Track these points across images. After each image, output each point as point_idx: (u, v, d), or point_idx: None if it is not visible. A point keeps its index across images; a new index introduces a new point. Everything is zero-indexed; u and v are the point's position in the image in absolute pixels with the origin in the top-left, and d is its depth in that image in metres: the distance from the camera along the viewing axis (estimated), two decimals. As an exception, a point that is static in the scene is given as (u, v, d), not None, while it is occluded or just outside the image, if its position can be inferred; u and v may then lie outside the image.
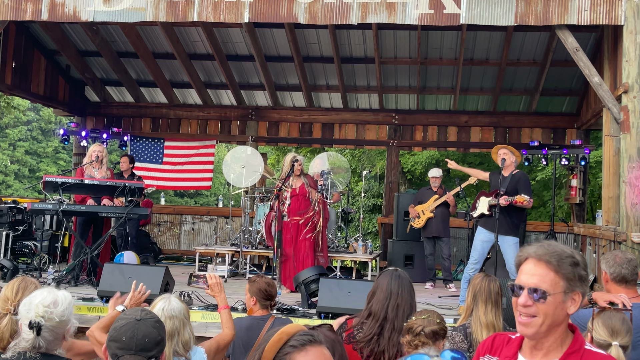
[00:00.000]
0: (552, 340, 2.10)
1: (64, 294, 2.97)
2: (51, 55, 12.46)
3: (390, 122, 12.81)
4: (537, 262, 2.09)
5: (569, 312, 2.08)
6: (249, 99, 13.31)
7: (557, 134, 12.34)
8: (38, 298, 2.90)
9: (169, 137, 13.31)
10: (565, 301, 2.07)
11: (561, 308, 2.07)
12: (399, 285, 3.83)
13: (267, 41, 11.66)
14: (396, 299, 3.78)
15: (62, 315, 2.88)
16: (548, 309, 2.06)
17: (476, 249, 7.60)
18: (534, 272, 2.09)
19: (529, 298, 2.07)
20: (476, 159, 18.68)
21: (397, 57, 11.67)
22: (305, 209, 8.65)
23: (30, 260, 9.52)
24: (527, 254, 2.13)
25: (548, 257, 2.08)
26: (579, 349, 2.08)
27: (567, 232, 11.05)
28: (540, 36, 10.63)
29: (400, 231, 10.89)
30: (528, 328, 2.08)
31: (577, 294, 2.08)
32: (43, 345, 2.84)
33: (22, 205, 10.05)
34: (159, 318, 2.69)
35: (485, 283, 4.02)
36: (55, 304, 2.88)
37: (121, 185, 8.06)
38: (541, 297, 2.05)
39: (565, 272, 2.07)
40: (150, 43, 12.07)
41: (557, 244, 2.14)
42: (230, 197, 12.15)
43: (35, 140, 33.14)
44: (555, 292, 2.05)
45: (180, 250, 13.05)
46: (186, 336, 3.45)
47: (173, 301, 3.49)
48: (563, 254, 2.09)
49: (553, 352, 2.09)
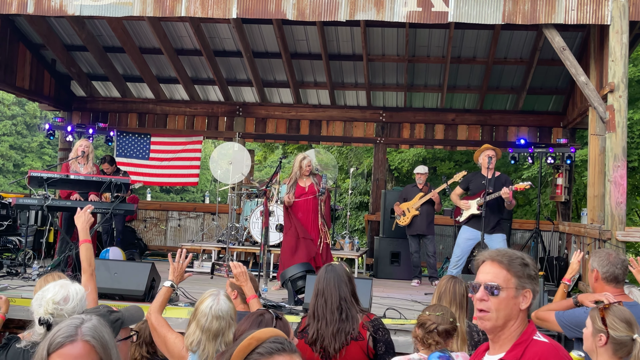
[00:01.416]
0: (508, 333, 2.35)
1: (76, 288, 2.95)
2: (37, 49, 12.35)
3: (377, 120, 12.82)
4: (492, 262, 2.40)
5: (521, 308, 2.35)
6: (236, 95, 13.28)
7: (543, 133, 12.40)
8: (50, 293, 2.88)
9: (156, 132, 13.24)
10: (516, 297, 2.35)
11: (514, 303, 2.34)
12: (324, 281, 3.94)
13: (255, 37, 11.63)
14: (323, 295, 3.90)
15: (72, 311, 2.85)
16: (501, 303, 2.33)
17: (459, 247, 7.66)
18: (489, 271, 2.39)
19: (484, 293, 2.36)
20: (463, 157, 18.75)
21: (385, 54, 11.68)
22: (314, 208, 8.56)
23: (14, 255, 9.44)
24: (484, 257, 2.44)
25: (500, 258, 2.38)
26: (526, 339, 2.32)
27: (553, 230, 11.11)
28: (527, 35, 10.68)
29: (386, 228, 10.91)
30: (485, 321, 2.37)
31: (528, 291, 2.37)
32: None
33: (6, 200, 9.96)
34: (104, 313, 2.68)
35: (450, 285, 4.07)
36: (66, 301, 2.87)
37: (107, 180, 8.02)
38: (495, 291, 2.34)
39: (516, 270, 2.36)
40: (137, 38, 12.00)
41: (510, 250, 2.45)
42: (217, 194, 12.12)
43: (20, 135, 32.87)
44: (507, 287, 2.34)
45: (166, 247, 12.99)
46: (230, 337, 3.40)
47: (222, 300, 3.43)
48: (513, 256, 2.39)
49: (506, 344, 2.35)
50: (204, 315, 3.37)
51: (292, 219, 8.48)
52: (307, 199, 8.49)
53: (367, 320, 3.92)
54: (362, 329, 3.86)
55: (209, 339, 3.34)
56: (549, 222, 11.34)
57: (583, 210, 10.61)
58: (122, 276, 6.79)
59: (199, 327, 3.36)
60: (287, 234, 8.45)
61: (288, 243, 8.40)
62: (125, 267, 7.07)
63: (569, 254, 10.28)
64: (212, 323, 3.35)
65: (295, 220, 8.45)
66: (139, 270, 6.89)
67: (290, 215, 8.51)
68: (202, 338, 3.34)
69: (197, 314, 3.41)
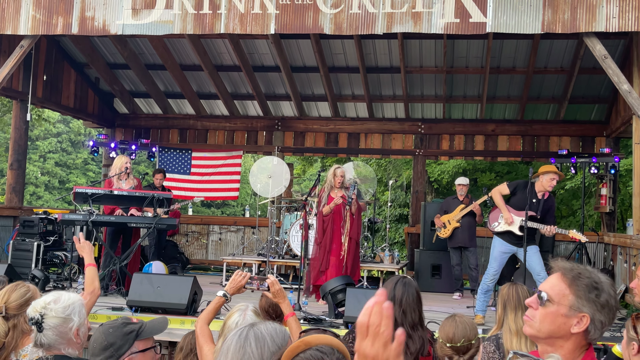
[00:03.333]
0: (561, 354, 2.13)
1: (69, 295, 2.99)
2: (81, 68, 12.67)
3: (416, 132, 12.78)
4: (557, 274, 2.19)
5: (572, 331, 2.10)
6: (275, 109, 13.39)
7: (585, 142, 12.19)
8: (42, 298, 2.96)
9: (197, 147, 13.43)
10: (569, 316, 2.10)
11: (563, 322, 2.11)
12: (404, 292, 3.79)
13: (293, 52, 11.73)
14: (401, 306, 3.74)
15: (62, 312, 2.88)
16: (547, 316, 2.12)
17: (496, 260, 7.47)
18: (550, 281, 2.19)
19: (535, 300, 2.17)
20: (504, 168, 18.53)
21: (422, 66, 11.65)
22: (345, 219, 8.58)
23: (60, 270, 9.65)
24: (555, 267, 2.23)
25: (566, 272, 2.16)
26: None
27: (597, 241, 10.89)
28: (567, 43, 10.54)
29: (427, 241, 10.84)
30: (527, 326, 2.20)
31: (585, 316, 2.10)
32: (46, 342, 2.86)
33: (52, 216, 10.20)
34: (118, 325, 2.72)
35: (512, 290, 4.00)
36: (56, 302, 2.90)
37: (150, 195, 8.15)
38: (544, 301, 2.14)
39: (578, 289, 2.11)
40: (178, 55, 12.22)
41: (588, 268, 2.20)
42: (257, 207, 12.21)
43: (65, 152, 33.64)
44: (559, 302, 2.11)
45: (207, 260, 13.13)
46: None
47: (248, 316, 3.38)
48: (584, 274, 2.14)
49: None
50: (230, 331, 3.36)
51: (325, 230, 8.53)
52: (339, 210, 8.52)
53: (430, 336, 3.85)
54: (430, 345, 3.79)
55: None
56: (593, 233, 11.12)
57: (629, 220, 10.38)
58: (164, 290, 6.88)
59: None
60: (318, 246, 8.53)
61: (317, 257, 8.48)
62: (168, 280, 7.17)
63: (614, 266, 10.06)
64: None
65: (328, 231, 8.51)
66: (181, 283, 6.98)
67: (324, 226, 8.55)
68: None
69: (225, 329, 3.38)
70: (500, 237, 7.53)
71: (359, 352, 1.38)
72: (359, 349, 1.38)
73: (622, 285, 9.11)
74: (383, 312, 1.36)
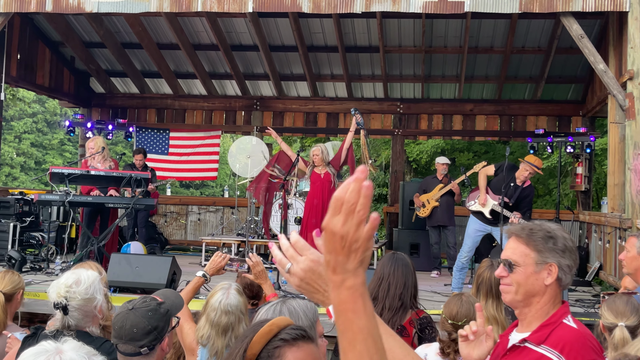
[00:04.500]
0: (534, 311, 2.24)
1: (88, 273, 3.02)
2: (56, 46, 12.48)
3: (395, 111, 12.80)
4: (512, 238, 2.28)
5: (545, 283, 2.21)
6: (253, 89, 13.31)
7: (562, 122, 12.31)
8: (62, 279, 2.97)
9: (174, 127, 13.34)
10: (538, 272, 2.21)
11: (535, 278, 2.21)
12: (391, 267, 3.89)
13: (271, 31, 11.65)
14: (387, 279, 3.85)
15: (85, 293, 2.92)
16: (519, 279, 2.22)
17: (470, 237, 7.61)
18: (509, 246, 2.28)
19: (503, 269, 2.26)
20: (482, 148, 18.65)
21: (401, 45, 11.64)
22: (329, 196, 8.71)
23: (37, 251, 9.57)
24: (507, 233, 2.33)
25: (519, 232, 2.26)
26: (555, 322, 2.19)
27: (573, 219, 11.04)
28: (545, 23, 10.59)
29: (405, 220, 10.91)
30: (505, 294, 2.27)
31: (552, 265, 2.21)
32: (73, 323, 2.91)
33: (29, 196, 10.10)
34: (155, 307, 2.68)
35: (487, 274, 3.92)
36: (78, 283, 2.93)
37: (127, 175, 8.09)
38: (511, 267, 2.23)
39: (536, 244, 2.21)
40: (155, 34, 12.08)
41: (536, 222, 2.30)
42: (235, 188, 12.18)
43: (41, 133, 33.21)
44: (525, 263, 2.21)
45: (186, 241, 13.09)
46: (240, 332, 3.35)
47: (232, 295, 3.39)
48: (535, 228, 2.24)
49: (534, 323, 2.24)
50: (213, 310, 3.34)
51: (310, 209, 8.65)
52: (323, 185, 8.67)
53: (416, 317, 3.85)
54: (409, 325, 3.80)
55: (218, 333, 3.31)
56: (569, 212, 11.27)
57: (603, 199, 10.54)
58: (143, 270, 6.88)
59: (209, 321, 3.34)
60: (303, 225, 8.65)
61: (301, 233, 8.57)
62: (147, 261, 7.16)
63: (589, 244, 10.21)
64: (221, 318, 3.32)
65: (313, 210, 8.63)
66: (160, 264, 6.97)
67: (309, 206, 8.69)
68: (211, 333, 3.32)
69: (207, 308, 3.39)
70: (475, 216, 7.67)
71: (327, 229, 1.24)
72: (328, 225, 1.24)
73: (596, 263, 9.26)
74: (362, 190, 1.23)
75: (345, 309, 1.27)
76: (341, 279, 1.26)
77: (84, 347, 1.61)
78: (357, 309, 1.26)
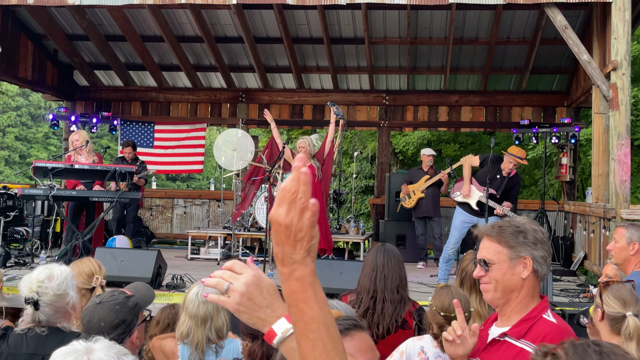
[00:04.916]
0: (513, 306, 2.27)
1: (61, 269, 2.99)
2: (38, 39, 12.34)
3: (380, 103, 12.80)
4: (484, 238, 2.33)
5: (522, 277, 2.25)
6: (238, 81, 13.26)
7: (547, 112, 12.36)
8: (35, 274, 2.94)
9: (159, 120, 13.25)
10: (513, 267, 2.26)
11: (511, 273, 2.25)
12: (384, 258, 3.88)
13: (256, 22, 11.59)
14: (382, 271, 3.83)
15: (58, 289, 2.88)
16: (496, 276, 2.26)
17: (457, 229, 7.63)
18: (482, 246, 2.32)
19: (480, 269, 2.30)
20: (467, 139, 18.71)
21: (386, 37, 11.63)
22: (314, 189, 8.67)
23: (22, 246, 9.50)
24: (479, 234, 2.37)
25: (489, 231, 2.31)
26: (534, 316, 2.23)
27: (558, 210, 11.11)
28: (529, 14, 10.61)
29: (391, 211, 10.93)
30: (485, 293, 2.32)
31: (526, 258, 2.25)
32: (43, 319, 2.86)
33: (12, 191, 10.01)
34: (123, 300, 2.67)
35: (471, 268, 3.92)
36: (50, 279, 2.90)
37: (111, 169, 8.04)
38: (487, 266, 2.27)
39: (507, 240, 2.26)
40: (138, 26, 11.98)
41: (505, 219, 2.45)
42: (221, 180, 12.14)
43: (25, 126, 32.95)
44: (499, 260, 2.26)
45: (172, 234, 13.05)
46: (219, 322, 3.40)
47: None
48: (504, 225, 2.29)
49: (513, 317, 2.27)
50: (191, 302, 3.40)
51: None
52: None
53: (413, 309, 3.86)
54: (409, 317, 3.80)
55: (198, 324, 3.35)
56: (554, 202, 11.34)
57: (588, 189, 10.60)
58: (128, 264, 6.85)
59: (188, 314, 3.39)
60: None
61: None
62: (132, 255, 7.13)
63: (574, 234, 10.28)
64: (199, 308, 3.36)
65: None
66: (146, 257, 6.95)
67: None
68: (191, 324, 3.36)
69: (185, 302, 3.44)
70: (461, 207, 7.69)
71: (272, 220, 1.25)
72: (273, 216, 1.25)
73: (581, 252, 9.33)
74: (300, 178, 1.23)
75: (296, 299, 1.28)
76: (290, 270, 1.28)
77: (115, 346, 1.60)
78: (308, 299, 1.27)
